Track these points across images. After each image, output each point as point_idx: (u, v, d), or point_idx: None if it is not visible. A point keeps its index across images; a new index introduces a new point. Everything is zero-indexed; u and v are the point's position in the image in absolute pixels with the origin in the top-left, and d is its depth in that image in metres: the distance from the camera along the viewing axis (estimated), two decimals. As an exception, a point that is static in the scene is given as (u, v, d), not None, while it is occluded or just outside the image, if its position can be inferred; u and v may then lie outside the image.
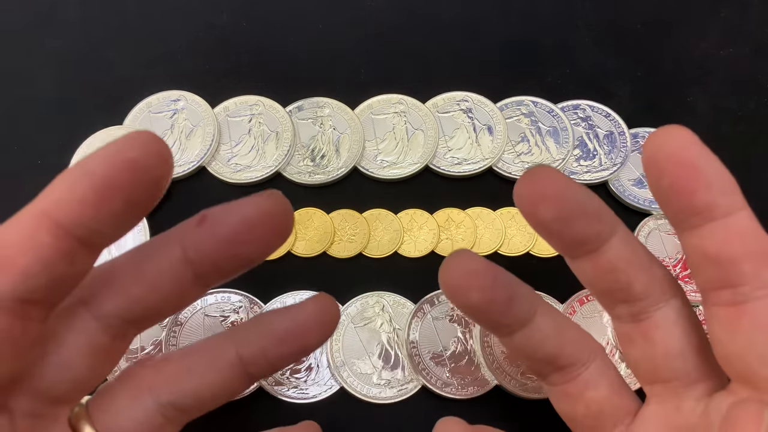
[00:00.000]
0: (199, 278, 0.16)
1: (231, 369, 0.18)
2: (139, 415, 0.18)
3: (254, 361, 0.18)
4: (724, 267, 0.16)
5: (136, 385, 0.18)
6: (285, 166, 0.29)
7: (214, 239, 0.16)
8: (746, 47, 0.33)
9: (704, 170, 0.16)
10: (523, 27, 0.33)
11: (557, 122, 0.30)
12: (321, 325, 0.18)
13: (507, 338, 0.19)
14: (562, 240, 0.18)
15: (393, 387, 0.26)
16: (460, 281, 0.18)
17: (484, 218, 0.28)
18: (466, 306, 0.18)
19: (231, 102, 0.30)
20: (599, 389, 0.19)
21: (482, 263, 0.18)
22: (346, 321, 0.26)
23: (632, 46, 0.33)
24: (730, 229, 0.16)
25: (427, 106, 0.30)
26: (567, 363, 0.19)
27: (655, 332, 0.18)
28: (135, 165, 0.14)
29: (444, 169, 0.29)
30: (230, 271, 0.16)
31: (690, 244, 0.17)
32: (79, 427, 0.17)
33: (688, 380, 0.18)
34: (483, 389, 0.25)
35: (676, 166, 0.16)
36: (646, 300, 0.18)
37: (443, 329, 0.26)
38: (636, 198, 0.29)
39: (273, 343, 0.18)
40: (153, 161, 0.14)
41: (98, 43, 0.32)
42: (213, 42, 0.32)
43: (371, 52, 0.32)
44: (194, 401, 0.18)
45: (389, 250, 0.28)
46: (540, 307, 0.19)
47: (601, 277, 0.18)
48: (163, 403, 0.18)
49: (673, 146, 0.16)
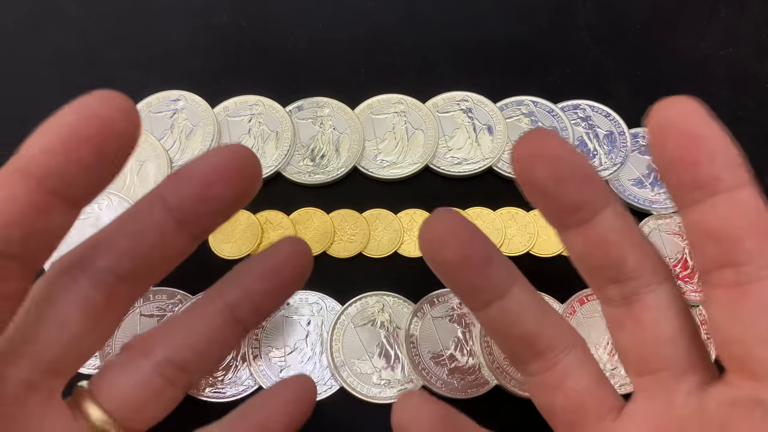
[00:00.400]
0: (182, 225, 0.17)
1: (219, 316, 0.19)
2: (137, 378, 0.18)
3: (240, 304, 0.19)
4: (726, 244, 0.15)
5: (133, 353, 0.19)
6: (285, 165, 0.29)
7: (188, 183, 0.17)
8: (746, 47, 0.33)
9: (709, 141, 0.15)
10: (523, 27, 0.33)
11: (557, 122, 0.30)
12: (295, 258, 0.20)
13: (483, 312, 0.18)
14: (556, 203, 0.17)
15: (393, 387, 0.26)
16: (436, 236, 0.17)
17: (484, 218, 0.28)
18: (441, 262, 0.18)
19: (231, 102, 0.30)
20: (580, 379, 0.19)
21: (461, 220, 0.18)
22: (346, 321, 0.26)
23: (632, 46, 0.33)
24: (733, 204, 0.15)
25: (427, 106, 0.30)
26: (545, 346, 0.19)
27: (646, 315, 0.17)
28: (99, 117, 0.14)
29: (444, 169, 0.29)
30: (209, 215, 0.17)
31: (691, 220, 0.16)
32: (82, 405, 0.18)
33: (678, 370, 0.17)
34: (483, 389, 0.25)
35: (680, 137, 0.15)
36: (637, 280, 0.17)
37: (443, 329, 0.26)
38: (636, 198, 0.29)
39: (254, 282, 0.19)
40: (117, 114, 0.14)
41: (98, 43, 0.32)
42: (213, 42, 0.32)
43: (371, 52, 0.32)
44: (190, 354, 0.19)
45: (389, 250, 0.28)
46: (519, 281, 0.18)
47: (592, 251, 0.17)
48: (160, 362, 0.19)
49: (678, 116, 0.15)
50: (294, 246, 0.20)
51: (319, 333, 0.26)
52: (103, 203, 0.28)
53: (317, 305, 0.27)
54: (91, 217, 0.27)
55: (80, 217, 0.27)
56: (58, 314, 0.17)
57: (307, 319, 0.26)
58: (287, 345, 0.26)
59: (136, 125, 0.15)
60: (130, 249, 0.17)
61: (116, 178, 0.15)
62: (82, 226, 0.27)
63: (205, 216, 0.17)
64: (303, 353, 0.26)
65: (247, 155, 0.17)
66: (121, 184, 0.28)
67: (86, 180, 0.15)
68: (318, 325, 0.26)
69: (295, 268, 0.20)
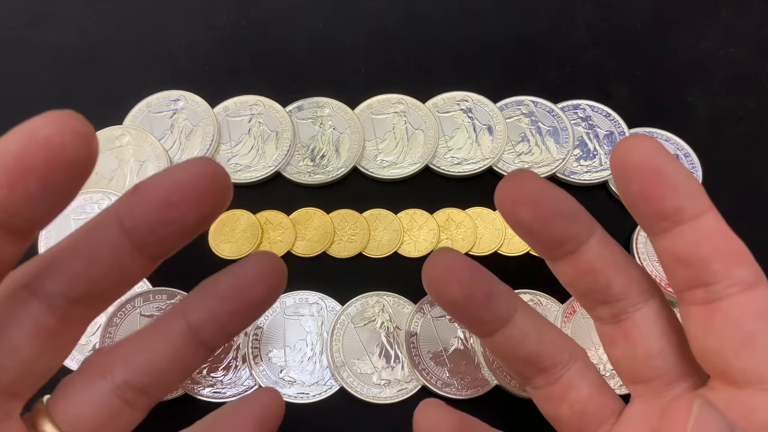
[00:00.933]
0: (138, 249, 0.16)
1: (181, 337, 0.18)
2: (94, 400, 0.17)
3: (204, 326, 0.18)
4: (696, 267, 0.17)
5: (91, 371, 0.18)
6: (285, 166, 0.29)
7: (146, 204, 0.15)
8: (746, 47, 0.33)
9: (670, 176, 0.16)
10: (523, 27, 0.33)
11: (557, 122, 0.30)
12: (264, 277, 0.18)
13: (489, 339, 0.20)
14: (541, 240, 0.18)
15: (393, 387, 0.26)
16: (440, 276, 0.18)
17: (484, 218, 0.28)
18: (446, 300, 0.19)
19: (231, 102, 0.30)
20: (582, 389, 0.20)
21: (462, 260, 0.19)
22: (346, 321, 0.26)
23: (632, 46, 0.33)
24: (698, 230, 0.17)
25: (427, 106, 0.30)
26: (549, 364, 0.20)
27: (635, 332, 0.19)
28: (49, 143, 0.13)
29: (444, 169, 0.29)
30: (169, 238, 0.16)
31: (662, 247, 0.17)
32: (38, 423, 0.17)
33: (669, 379, 0.19)
34: (483, 389, 0.25)
35: (644, 173, 0.16)
36: (625, 300, 0.19)
37: (443, 329, 0.26)
38: (636, 198, 0.29)
39: (217, 303, 0.18)
40: (70, 139, 0.13)
41: (98, 43, 0.32)
42: (213, 42, 0.32)
43: (371, 52, 0.32)
44: (149, 377, 0.18)
45: (389, 250, 0.28)
46: (519, 306, 0.19)
47: (580, 278, 0.19)
48: (118, 384, 0.18)
49: (639, 154, 0.16)
50: (263, 263, 0.18)
51: (319, 333, 0.26)
52: (103, 203, 0.28)
53: (317, 305, 0.27)
54: (91, 216, 0.27)
55: (79, 217, 0.27)
56: (9, 339, 0.16)
57: (307, 319, 0.26)
58: (287, 345, 0.26)
59: (92, 150, 0.13)
60: (83, 272, 0.16)
61: (69, 204, 0.14)
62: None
63: (165, 239, 0.16)
64: (303, 353, 0.26)
65: (214, 171, 0.15)
66: (122, 184, 0.28)
67: (32, 212, 0.14)
68: (318, 325, 0.26)
69: (265, 288, 0.18)
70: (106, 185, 0.28)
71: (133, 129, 0.29)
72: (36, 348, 0.16)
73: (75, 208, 0.27)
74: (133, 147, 0.29)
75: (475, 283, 0.18)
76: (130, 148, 0.29)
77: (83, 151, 0.13)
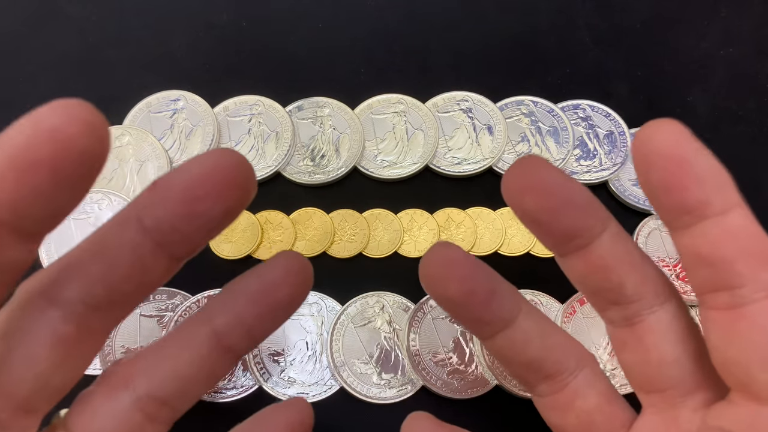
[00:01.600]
0: (161, 247, 0.15)
1: (206, 344, 0.17)
2: (115, 414, 0.16)
3: (229, 331, 0.17)
4: (719, 268, 0.15)
5: (112, 383, 0.17)
6: (285, 165, 0.29)
7: (168, 200, 0.14)
8: (746, 47, 0.33)
9: (696, 165, 0.15)
10: (523, 27, 0.33)
11: (557, 122, 0.30)
12: (290, 276, 0.17)
13: (489, 341, 0.18)
14: (551, 233, 0.17)
15: (393, 387, 0.26)
16: (438, 271, 0.17)
17: (484, 218, 0.28)
18: (445, 298, 0.17)
19: (231, 102, 0.30)
20: (589, 398, 0.18)
21: (461, 254, 0.17)
22: (346, 321, 0.26)
23: (632, 46, 0.33)
24: (724, 228, 0.15)
25: (427, 106, 0.30)
26: (553, 370, 0.18)
27: (649, 337, 0.17)
28: (56, 134, 0.12)
29: (444, 168, 0.29)
30: (194, 234, 0.15)
31: (682, 244, 0.16)
32: None
33: (684, 389, 0.17)
34: (483, 389, 0.25)
35: (667, 161, 0.15)
36: (638, 302, 0.17)
37: (443, 329, 0.26)
38: (636, 198, 0.29)
39: (244, 306, 0.17)
40: (79, 130, 0.12)
41: (98, 43, 0.32)
42: (213, 42, 0.32)
43: (371, 52, 0.32)
44: (173, 387, 0.17)
45: (389, 250, 0.28)
46: (524, 308, 0.18)
47: (591, 276, 0.17)
48: (141, 397, 0.16)
49: (664, 140, 0.15)
50: (291, 262, 0.17)
51: (319, 333, 0.26)
52: (103, 203, 0.28)
53: (317, 305, 0.27)
54: (91, 216, 0.27)
55: (80, 217, 0.27)
56: (26, 350, 0.15)
57: (307, 319, 0.26)
58: (287, 345, 0.26)
59: (103, 142, 0.12)
60: (103, 277, 0.15)
61: (82, 201, 0.13)
62: (82, 226, 0.27)
63: (190, 236, 0.15)
64: (303, 353, 0.26)
65: (239, 161, 0.14)
66: (121, 183, 0.28)
67: (42, 210, 0.13)
68: (318, 325, 0.26)
69: (292, 288, 0.17)
70: (105, 185, 0.28)
71: (133, 129, 0.29)
72: (54, 359, 0.15)
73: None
74: (133, 147, 0.29)
75: (477, 280, 0.17)
76: (130, 148, 0.29)
77: (93, 143, 0.12)
